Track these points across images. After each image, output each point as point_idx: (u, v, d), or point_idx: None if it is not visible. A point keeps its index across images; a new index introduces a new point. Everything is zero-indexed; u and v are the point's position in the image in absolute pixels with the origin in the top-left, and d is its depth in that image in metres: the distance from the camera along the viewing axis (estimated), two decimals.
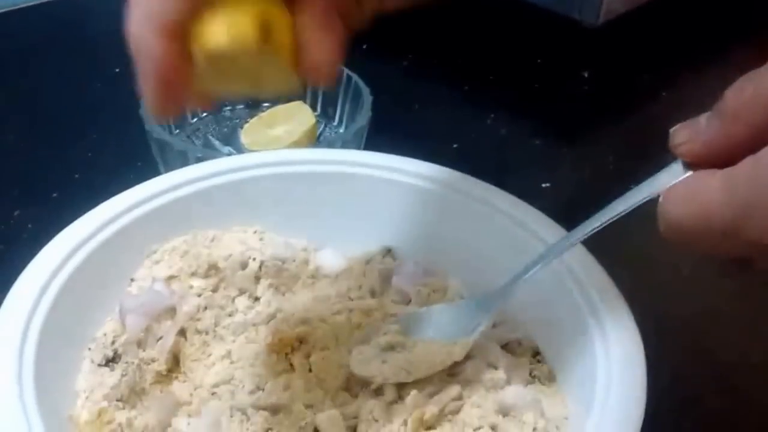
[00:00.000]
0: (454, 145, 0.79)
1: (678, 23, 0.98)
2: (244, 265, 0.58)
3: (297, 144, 0.72)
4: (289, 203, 0.61)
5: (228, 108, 0.81)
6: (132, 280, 0.57)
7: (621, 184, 0.74)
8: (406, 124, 0.80)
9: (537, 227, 0.56)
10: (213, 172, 0.59)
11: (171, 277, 0.57)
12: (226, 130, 0.80)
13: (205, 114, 0.79)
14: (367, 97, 0.74)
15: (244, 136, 0.76)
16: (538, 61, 0.94)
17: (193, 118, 0.78)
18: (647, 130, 0.85)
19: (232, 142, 0.77)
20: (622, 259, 0.53)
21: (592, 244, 0.54)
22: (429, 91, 0.87)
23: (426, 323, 0.54)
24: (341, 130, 0.79)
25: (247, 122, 0.77)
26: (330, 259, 0.60)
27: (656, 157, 0.79)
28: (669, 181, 0.41)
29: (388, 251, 0.61)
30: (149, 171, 0.59)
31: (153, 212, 0.57)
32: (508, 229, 0.56)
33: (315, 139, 0.75)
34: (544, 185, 0.75)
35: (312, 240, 0.61)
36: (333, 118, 0.80)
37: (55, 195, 0.71)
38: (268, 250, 0.59)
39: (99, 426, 0.47)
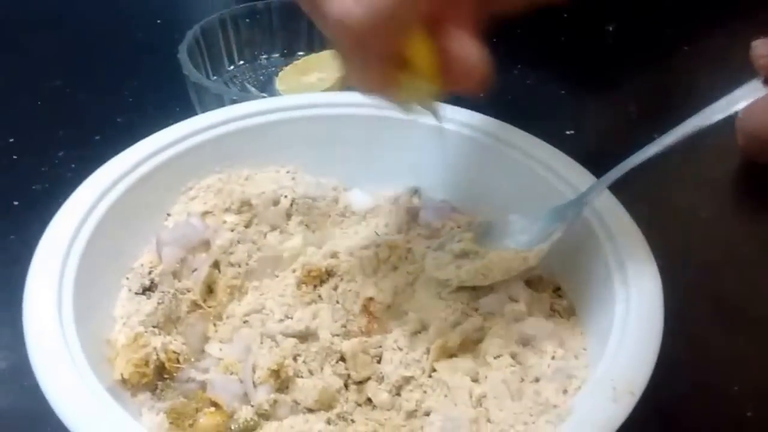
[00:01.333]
0: (481, 95, 0.77)
1: None
2: (276, 203, 0.57)
3: (330, 91, 0.71)
4: (320, 144, 0.60)
5: (264, 56, 0.79)
6: (168, 214, 0.56)
7: (642, 132, 0.73)
8: None
9: (561, 168, 0.55)
10: (247, 113, 0.59)
11: (206, 213, 0.56)
12: (262, 77, 0.78)
13: (241, 62, 0.78)
14: None
15: (280, 84, 0.75)
16: (564, 15, 0.92)
17: (230, 66, 0.77)
18: (668, 82, 0.84)
19: (267, 89, 0.76)
20: (641, 201, 0.52)
21: (613, 186, 0.53)
22: None
23: (500, 232, 0.53)
24: None
25: (282, 70, 0.76)
26: (359, 198, 0.59)
27: (677, 106, 0.78)
28: (747, 97, 0.39)
29: (415, 191, 0.60)
30: (187, 115, 0.58)
31: (189, 150, 0.56)
32: (533, 170, 0.55)
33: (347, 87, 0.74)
34: (568, 132, 0.73)
35: (342, 180, 0.60)
36: None
37: (97, 137, 0.71)
38: (299, 188, 0.58)
39: (135, 349, 0.47)
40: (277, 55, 0.80)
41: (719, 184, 0.66)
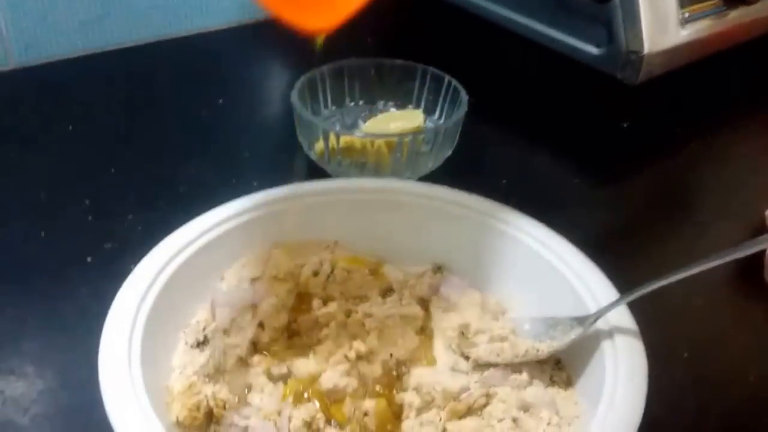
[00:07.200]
0: (504, 181, 0.82)
1: (708, 84, 1.00)
2: (316, 273, 0.62)
3: (405, 134, 0.77)
4: (358, 224, 0.65)
5: (352, 103, 0.89)
6: (222, 278, 0.61)
7: (651, 223, 0.78)
8: (463, 160, 0.83)
9: (577, 267, 0.58)
10: (294, 194, 0.64)
11: (255, 279, 0.61)
12: (348, 120, 0.88)
13: (334, 107, 0.87)
14: (464, 97, 0.80)
15: (366, 127, 0.84)
16: (583, 112, 0.97)
17: (324, 109, 0.86)
18: (677, 177, 0.88)
19: (353, 128, 0.86)
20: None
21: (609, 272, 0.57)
22: (486, 131, 0.90)
23: (531, 327, 0.58)
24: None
25: (369, 116, 0.87)
26: (390, 272, 0.64)
27: (681, 199, 0.82)
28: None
29: (438, 268, 0.64)
30: (243, 189, 0.63)
31: (242, 225, 0.61)
32: (546, 260, 0.59)
33: (422, 133, 0.80)
34: (579, 219, 0.76)
35: (376, 256, 0.65)
36: (434, 114, 0.87)
37: (162, 204, 0.76)
38: (338, 262, 0.63)
39: (189, 396, 0.51)
40: (362, 102, 0.89)
41: (715, 275, 0.70)
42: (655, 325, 0.55)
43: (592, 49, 0.86)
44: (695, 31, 0.85)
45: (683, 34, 0.84)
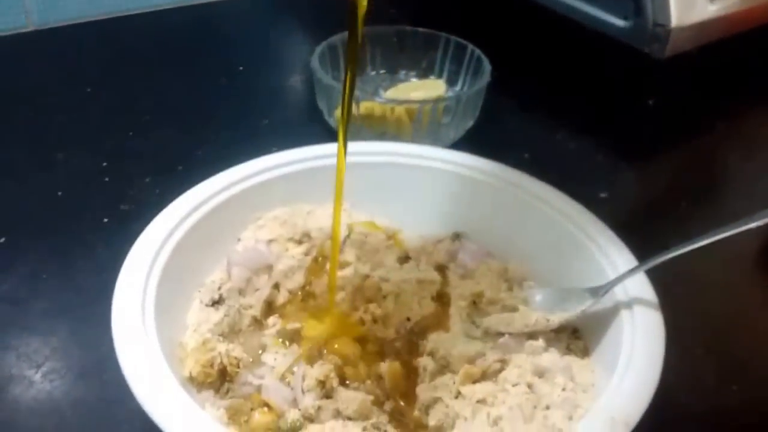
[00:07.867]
0: (526, 155, 0.82)
1: (736, 62, 0.99)
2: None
3: (426, 101, 0.77)
4: (376, 187, 0.65)
5: (373, 72, 0.90)
6: (239, 239, 0.61)
7: (672, 201, 0.77)
8: (485, 133, 0.83)
9: (595, 235, 0.58)
10: (313, 156, 0.64)
11: (271, 240, 0.61)
12: (369, 89, 0.87)
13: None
14: (487, 66, 0.81)
15: (388, 93, 0.85)
16: (608, 88, 0.97)
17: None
18: (701, 156, 0.88)
19: (375, 96, 0.85)
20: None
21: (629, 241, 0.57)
22: (508, 105, 0.90)
23: (545, 297, 0.58)
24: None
25: (391, 86, 0.87)
26: (407, 238, 0.64)
27: (704, 180, 0.81)
28: None
29: (457, 236, 0.64)
30: (261, 155, 0.63)
31: (260, 185, 0.61)
32: (565, 229, 0.59)
33: (443, 100, 0.80)
34: (601, 195, 0.77)
35: (393, 221, 0.65)
36: (456, 85, 0.87)
37: (180, 167, 0.76)
38: (355, 225, 0.63)
39: (203, 352, 0.52)
40: (383, 71, 0.90)
41: (740, 256, 0.70)
42: (676, 301, 0.54)
43: (619, 22, 0.85)
44: (724, 7, 0.84)
45: (712, 9, 0.83)
